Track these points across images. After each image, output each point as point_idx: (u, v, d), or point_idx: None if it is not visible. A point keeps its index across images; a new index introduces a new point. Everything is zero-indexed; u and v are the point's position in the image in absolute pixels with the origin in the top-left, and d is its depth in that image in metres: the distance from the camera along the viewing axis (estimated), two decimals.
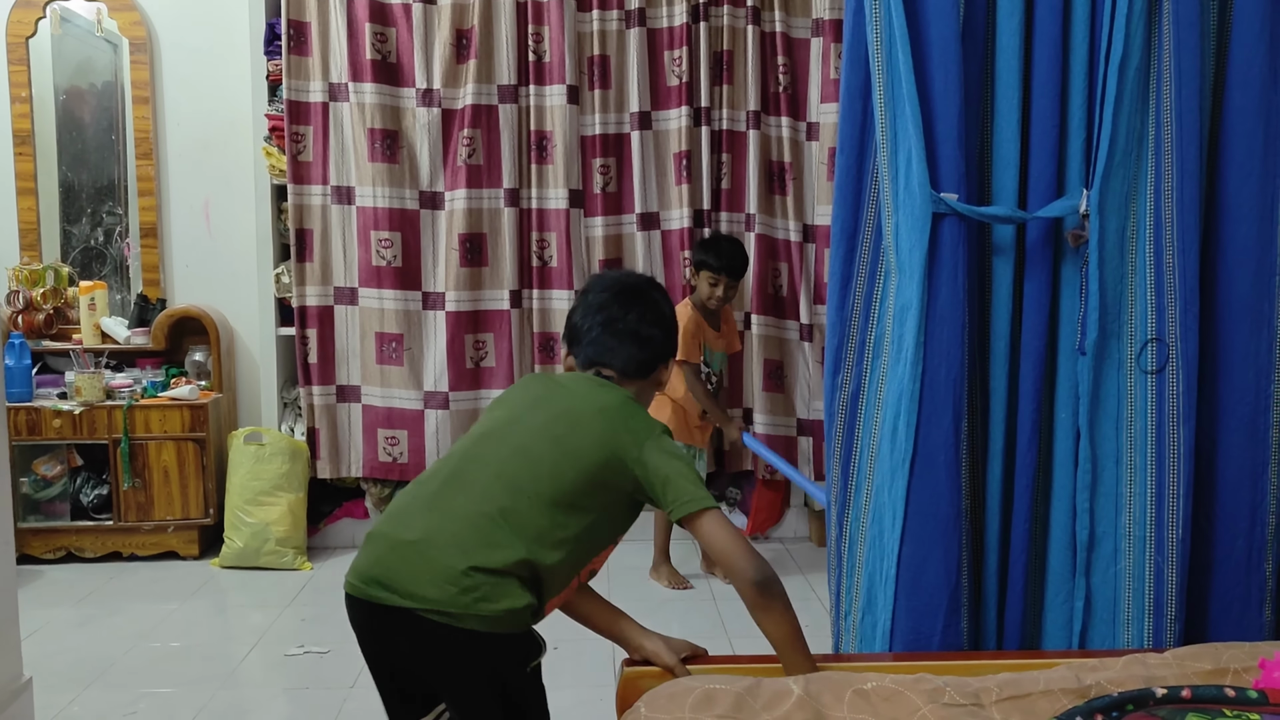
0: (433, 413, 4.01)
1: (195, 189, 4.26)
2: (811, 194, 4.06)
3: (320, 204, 3.98)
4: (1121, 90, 1.98)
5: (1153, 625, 1.95)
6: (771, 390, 4.08)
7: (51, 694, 2.72)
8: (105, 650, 3.08)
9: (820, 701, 1.55)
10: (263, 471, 3.87)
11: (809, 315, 4.03)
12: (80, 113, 4.28)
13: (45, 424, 3.83)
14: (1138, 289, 2.00)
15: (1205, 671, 1.62)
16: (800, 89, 4.05)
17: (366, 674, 2.86)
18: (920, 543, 2.00)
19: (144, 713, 2.68)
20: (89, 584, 3.68)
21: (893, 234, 2.04)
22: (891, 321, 2.06)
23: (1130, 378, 1.98)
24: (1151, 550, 1.95)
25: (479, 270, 4.00)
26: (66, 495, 3.95)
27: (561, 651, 3.06)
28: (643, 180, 4.01)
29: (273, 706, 2.75)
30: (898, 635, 2.03)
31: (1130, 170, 2.01)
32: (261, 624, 3.31)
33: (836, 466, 2.17)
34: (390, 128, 3.93)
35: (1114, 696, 1.49)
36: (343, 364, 4.05)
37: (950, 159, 1.99)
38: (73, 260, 4.28)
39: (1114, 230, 2.00)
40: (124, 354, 4.12)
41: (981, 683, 1.62)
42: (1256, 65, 2.01)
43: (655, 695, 1.59)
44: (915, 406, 1.99)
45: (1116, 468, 1.98)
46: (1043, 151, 2.03)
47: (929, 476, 2.00)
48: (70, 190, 4.28)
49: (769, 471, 4.09)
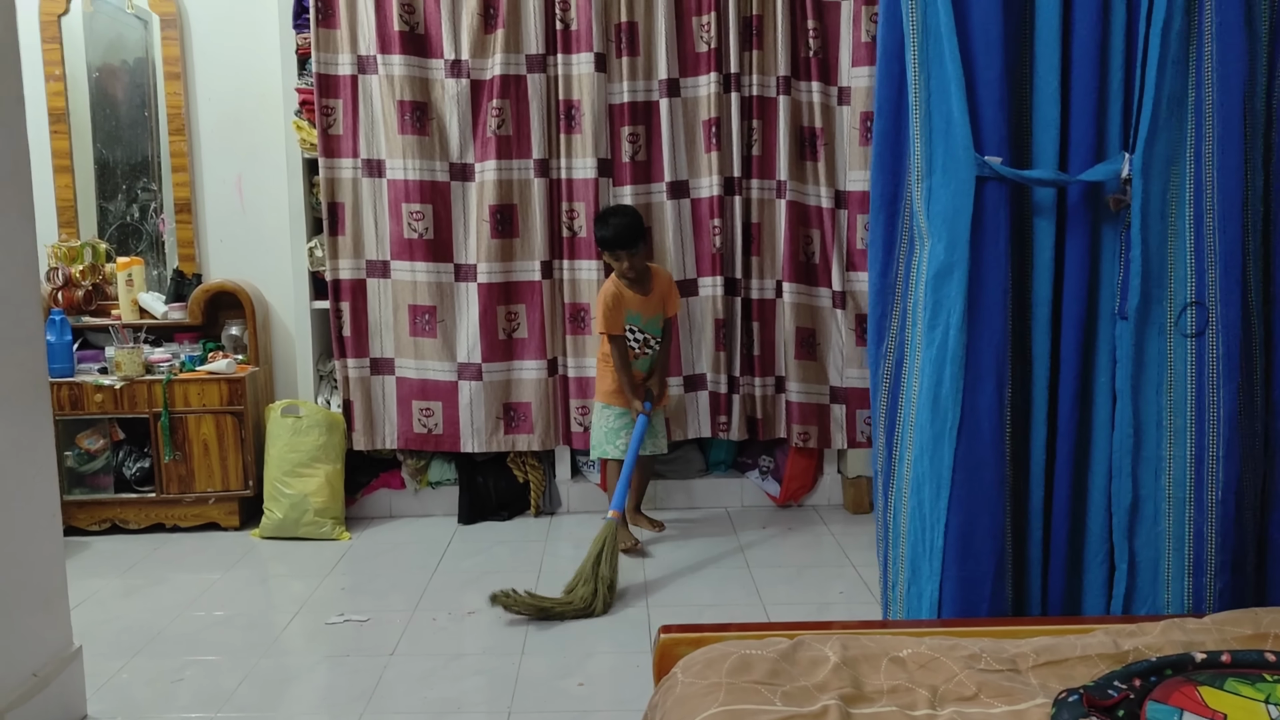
0: (466, 384, 4.03)
1: (227, 164, 4.29)
2: (843, 160, 4.02)
3: (351, 177, 3.99)
4: (1165, 53, 1.94)
5: (1193, 585, 1.95)
6: (804, 358, 4.07)
7: (101, 661, 2.79)
8: (152, 619, 3.14)
9: (857, 669, 1.56)
10: (300, 444, 3.92)
11: (841, 283, 4.01)
12: (113, 90, 4.31)
13: (87, 399, 3.89)
14: (1178, 253, 1.97)
15: (1245, 636, 1.61)
16: (831, 53, 4.00)
17: (406, 641, 2.93)
18: (967, 511, 1.99)
19: (191, 680, 2.74)
20: (134, 555, 3.76)
21: (924, 198, 2.02)
22: (924, 289, 2.03)
23: (1170, 341, 1.96)
24: (1191, 512, 1.94)
25: (510, 241, 4.00)
26: (110, 468, 4.02)
27: (599, 621, 3.10)
28: (672, 148, 3.98)
29: (315, 673, 2.80)
30: (946, 604, 2.02)
31: (1173, 134, 1.98)
32: (302, 593, 3.36)
33: (881, 436, 2.17)
34: (419, 99, 3.93)
35: (1152, 661, 1.49)
36: (376, 336, 4.08)
37: (993, 121, 1.97)
38: (109, 237, 4.33)
39: (1156, 194, 1.97)
40: (162, 329, 4.17)
41: (1018, 648, 1.62)
42: None
43: (691, 660, 1.60)
44: (960, 373, 1.98)
45: (1157, 431, 1.97)
46: (1083, 114, 2.00)
47: (975, 444, 1.99)
48: (105, 167, 4.32)
49: (802, 439, 4.08)
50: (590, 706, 2.54)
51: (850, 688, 1.50)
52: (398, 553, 3.77)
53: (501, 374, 4.06)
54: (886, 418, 2.19)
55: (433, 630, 3.04)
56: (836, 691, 1.48)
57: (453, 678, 2.73)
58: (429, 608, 3.21)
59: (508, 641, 2.94)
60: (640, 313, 3.67)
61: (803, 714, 1.42)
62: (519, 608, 3.09)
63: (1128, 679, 1.44)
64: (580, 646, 2.91)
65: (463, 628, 3.07)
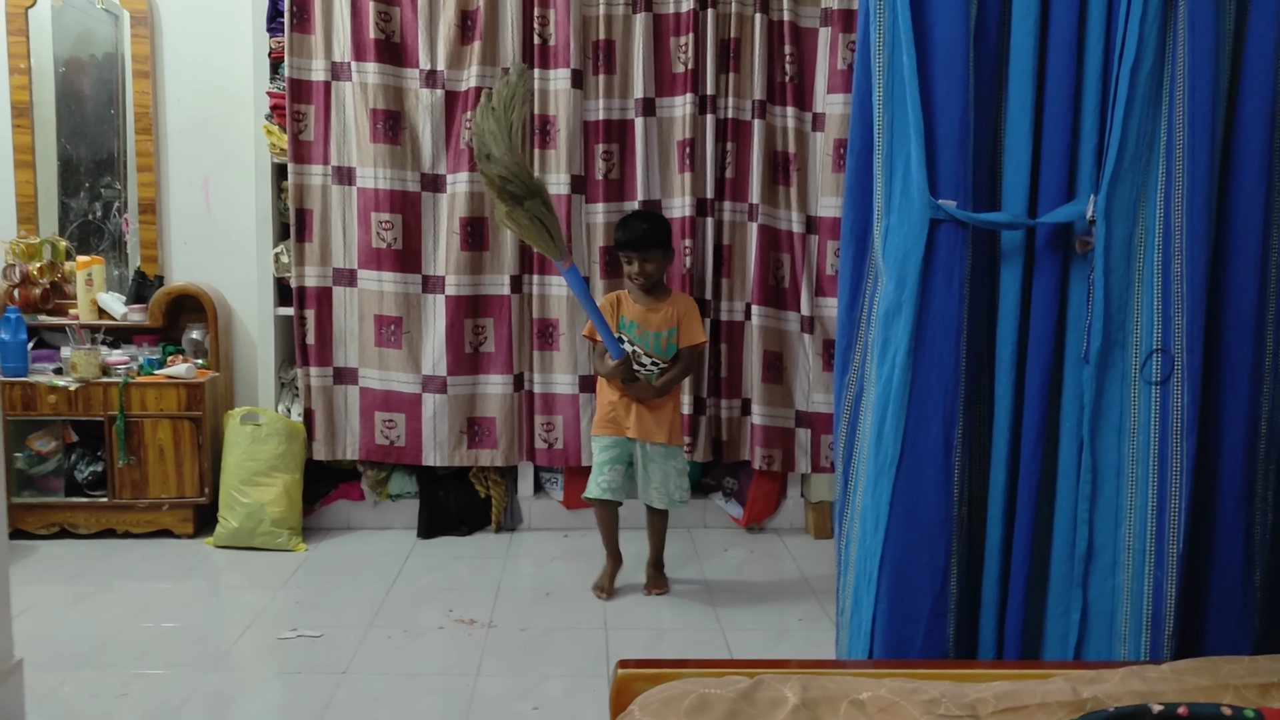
0: (430, 396, 3.99)
1: (195, 165, 4.23)
2: (815, 185, 4.03)
3: (321, 184, 3.95)
4: (1133, 94, 1.95)
5: (1150, 640, 1.95)
6: (770, 382, 4.07)
7: (42, 674, 2.72)
8: (97, 630, 3.07)
9: (816, 711, 1.55)
10: (259, 452, 3.86)
11: (810, 307, 4.01)
12: (80, 85, 4.23)
13: (40, 399, 3.81)
14: (1144, 297, 1.98)
15: (1204, 687, 1.62)
16: (807, 79, 4.01)
17: (359, 659, 2.89)
18: (904, 547, 2.00)
19: (135, 695, 2.67)
20: (82, 561, 3.68)
21: (881, 237, 2.03)
22: (877, 325, 2.05)
23: (1134, 388, 1.97)
24: (1151, 565, 1.94)
25: (480, 254, 3.97)
26: (61, 471, 3.93)
27: (554, 640, 3.07)
28: (645, 167, 3.98)
29: (265, 691, 2.75)
30: (879, 638, 2.03)
31: (1139, 176, 1.99)
32: (255, 605, 3.30)
33: (840, 466, 2.17)
34: (393, 108, 3.89)
35: (1110, 711, 1.48)
36: (340, 346, 4.03)
37: (950, 164, 1.97)
38: (70, 235, 4.24)
39: (1120, 237, 1.98)
40: (121, 330, 4.10)
41: (978, 693, 1.62)
42: (1271, 74, 1.99)
43: (649, 699, 1.58)
44: (903, 410, 1.98)
45: (1118, 479, 1.97)
46: (1054, 155, 2.01)
47: (915, 481, 1.99)
48: (69, 164, 4.24)
49: (766, 462, 4.08)
50: None
51: None
52: (354, 565, 3.72)
53: (467, 388, 4.02)
54: (845, 448, 2.20)
55: (388, 648, 3.00)
56: None
57: (406, 698, 2.69)
58: (384, 624, 3.17)
59: (463, 661, 2.90)
60: (638, 323, 3.38)
61: None
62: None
63: None
64: (537, 668, 2.88)
65: (418, 646, 3.02)
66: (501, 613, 3.28)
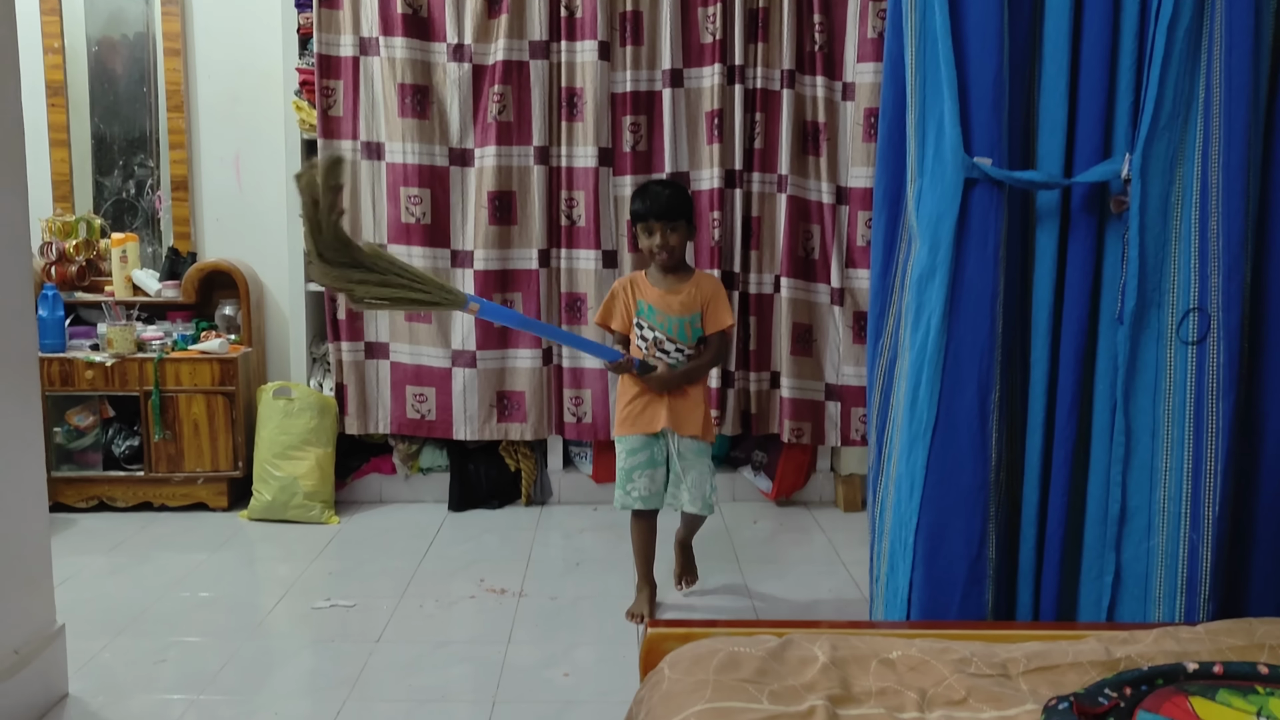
0: (460, 371, 4.01)
1: (226, 142, 4.26)
2: (846, 155, 3.99)
3: (350, 159, 3.96)
4: (1170, 51, 1.92)
5: (1185, 603, 1.93)
6: (799, 354, 4.05)
7: (84, 640, 2.77)
8: (136, 598, 3.12)
9: (846, 669, 1.54)
10: (291, 426, 3.90)
11: (840, 279, 3.99)
12: (112, 64, 4.27)
13: (78, 375, 3.87)
14: (1181, 257, 1.95)
15: (1239, 647, 1.60)
16: (836, 48, 3.97)
17: (392, 628, 2.92)
18: (940, 512, 1.98)
19: (173, 661, 2.72)
20: (120, 533, 3.74)
21: (914, 199, 2.01)
22: (911, 290, 2.02)
23: (1170, 348, 1.94)
24: (1186, 527, 1.91)
25: (508, 229, 3.98)
26: (99, 445, 3.99)
27: (584, 609, 3.09)
28: (673, 139, 3.96)
29: (300, 658, 2.78)
30: (915, 604, 2.02)
31: (1176, 134, 1.95)
32: (289, 576, 3.34)
33: (873, 434, 2.16)
34: (421, 83, 3.89)
35: (1144, 670, 1.47)
36: (371, 320, 4.06)
37: (985, 123, 1.95)
38: (104, 212, 4.29)
39: (1157, 195, 1.95)
40: (155, 307, 4.14)
41: (1009, 653, 1.61)
42: None
43: (679, 657, 1.58)
44: (938, 375, 1.96)
45: (1152, 441, 1.95)
46: (1090, 114, 1.98)
47: (951, 446, 1.97)
48: (102, 142, 4.28)
49: (795, 435, 4.07)
50: (575, 697, 2.52)
51: (838, 688, 1.49)
52: (387, 538, 3.75)
53: (496, 362, 4.03)
54: (879, 415, 2.19)
55: (420, 617, 3.03)
56: (824, 692, 1.47)
57: (438, 666, 2.71)
58: (417, 594, 3.20)
59: (495, 630, 2.93)
60: (657, 308, 2.97)
61: (790, 713, 1.41)
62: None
63: (1118, 687, 1.43)
64: (567, 637, 2.89)
65: (450, 615, 3.05)
66: (532, 582, 3.30)
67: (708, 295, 2.98)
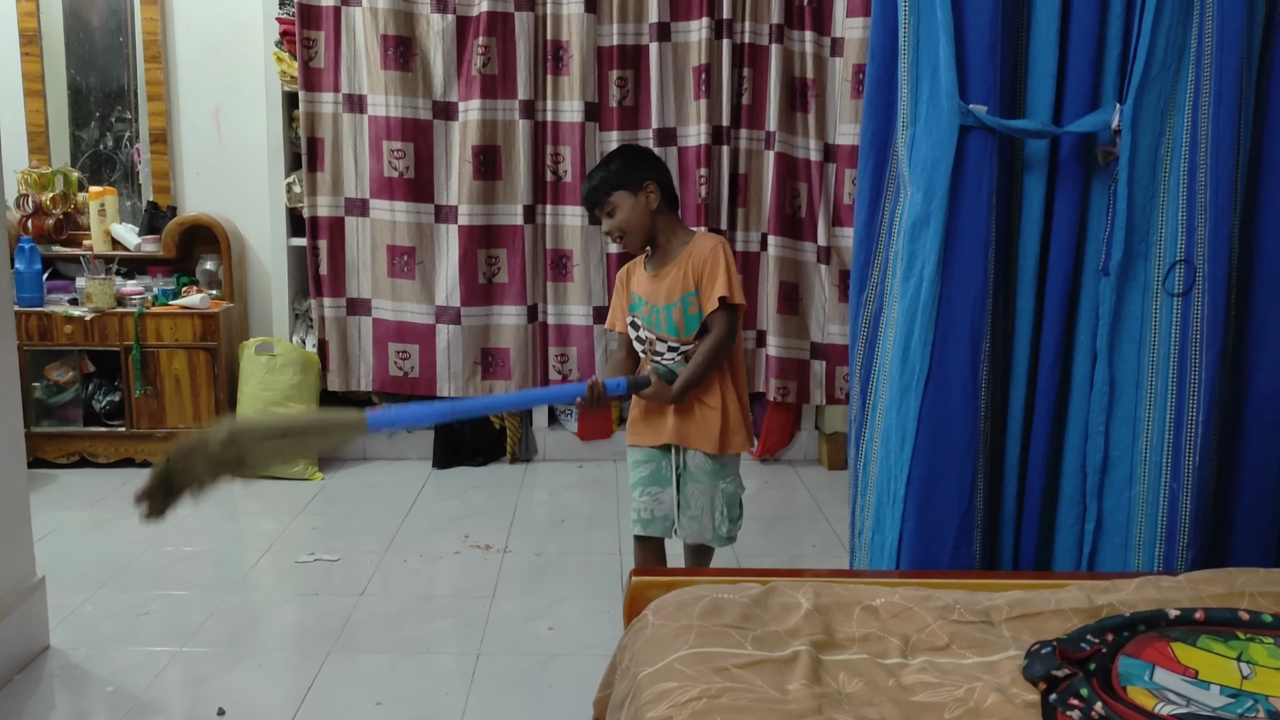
0: (444, 327, 3.98)
1: (205, 95, 4.19)
2: (834, 112, 3.96)
3: (332, 112, 3.91)
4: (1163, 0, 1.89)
5: (1164, 551, 1.93)
6: (785, 313, 4.04)
7: (65, 593, 2.75)
8: (119, 553, 3.10)
9: (829, 616, 1.55)
10: (274, 382, 3.87)
11: (827, 237, 3.97)
12: (88, 13, 4.18)
13: (57, 329, 3.82)
14: (1169, 209, 1.93)
15: (1219, 595, 1.61)
16: (825, 2, 3.92)
17: (376, 582, 2.91)
18: (931, 464, 1.97)
19: (157, 614, 2.71)
20: (102, 489, 3.71)
21: (907, 145, 1.98)
22: (903, 239, 2.00)
23: (1155, 300, 1.93)
24: (1167, 476, 1.92)
25: (492, 184, 3.93)
26: (79, 401, 3.96)
27: (569, 564, 3.09)
28: (660, 94, 3.91)
29: (283, 611, 2.78)
30: (905, 556, 2.01)
31: (1168, 84, 1.93)
32: (272, 531, 3.33)
33: (856, 385, 2.15)
34: (403, 34, 3.83)
35: (1126, 616, 1.48)
36: (353, 276, 4.02)
37: (980, 69, 1.92)
38: (82, 165, 4.22)
39: (1146, 147, 1.93)
40: (134, 261, 4.09)
41: (992, 601, 1.61)
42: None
43: (663, 603, 1.58)
44: (931, 325, 1.95)
45: (1136, 391, 1.94)
46: (1080, 63, 1.95)
47: (943, 397, 1.96)
48: (79, 93, 4.20)
49: (781, 394, 4.06)
50: (559, 650, 2.53)
51: (822, 634, 1.49)
52: (371, 494, 3.74)
53: (480, 319, 4.01)
54: (863, 367, 2.17)
55: (404, 572, 3.03)
56: (808, 637, 1.47)
57: (422, 619, 2.71)
58: (401, 550, 3.19)
59: (479, 585, 2.93)
60: (647, 299, 2.40)
61: (773, 658, 1.41)
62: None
63: (1100, 633, 1.43)
64: (552, 592, 2.90)
65: (434, 570, 3.05)
66: (517, 539, 3.30)
67: (700, 265, 2.33)
